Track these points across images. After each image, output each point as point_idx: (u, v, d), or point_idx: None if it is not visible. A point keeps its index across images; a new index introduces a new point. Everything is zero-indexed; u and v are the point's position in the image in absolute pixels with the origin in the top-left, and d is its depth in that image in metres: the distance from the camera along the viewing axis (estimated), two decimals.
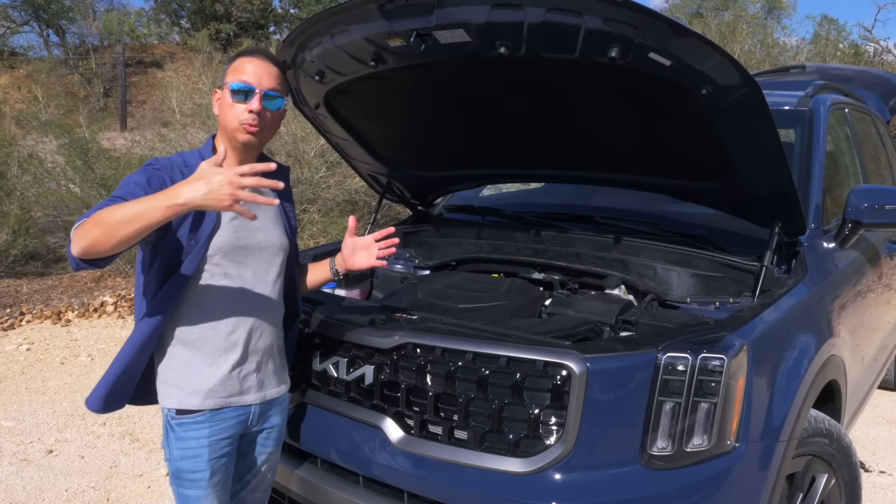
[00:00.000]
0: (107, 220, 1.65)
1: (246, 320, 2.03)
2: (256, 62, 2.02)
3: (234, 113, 1.99)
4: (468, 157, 3.25)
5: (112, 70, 18.75)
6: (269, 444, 2.19)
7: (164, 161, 1.97)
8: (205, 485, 2.00)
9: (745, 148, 2.37)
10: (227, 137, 2.03)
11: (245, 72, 2.00)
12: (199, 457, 1.99)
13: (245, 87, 1.98)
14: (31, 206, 8.35)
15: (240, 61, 2.03)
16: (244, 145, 2.02)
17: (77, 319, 6.62)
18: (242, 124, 1.98)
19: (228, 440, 2.04)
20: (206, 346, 2.00)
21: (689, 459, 1.94)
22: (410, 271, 3.26)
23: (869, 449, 4.11)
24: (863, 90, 4.97)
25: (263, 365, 2.10)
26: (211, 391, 1.99)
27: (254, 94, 1.98)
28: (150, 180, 1.87)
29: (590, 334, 2.40)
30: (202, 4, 21.57)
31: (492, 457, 2.01)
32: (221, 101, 2.03)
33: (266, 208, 2.09)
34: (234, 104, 1.98)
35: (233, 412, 2.03)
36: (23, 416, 4.46)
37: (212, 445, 2.00)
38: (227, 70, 2.05)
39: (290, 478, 2.40)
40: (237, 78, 1.99)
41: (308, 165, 8.72)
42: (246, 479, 2.20)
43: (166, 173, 1.92)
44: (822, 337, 2.51)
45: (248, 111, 1.97)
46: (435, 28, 2.24)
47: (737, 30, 15.39)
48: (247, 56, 2.04)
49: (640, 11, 2.00)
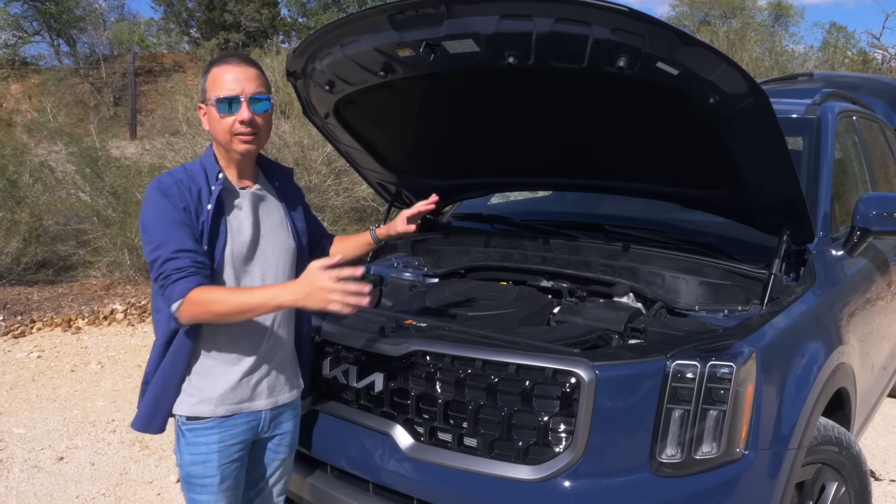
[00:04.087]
0: (216, 311, 1.88)
1: (258, 326, 2.06)
2: (234, 69, 1.98)
3: (224, 126, 1.98)
4: (476, 165, 3.27)
5: (122, 79, 18.85)
6: (282, 451, 2.21)
7: (170, 180, 1.97)
8: (215, 490, 2.03)
9: (752, 156, 2.37)
10: (224, 150, 2.05)
11: (225, 82, 1.96)
12: (209, 462, 2.01)
13: (229, 97, 1.96)
14: (42, 214, 8.41)
15: (216, 72, 1.99)
16: (243, 155, 2.03)
17: (87, 327, 6.65)
18: (236, 136, 1.98)
19: (239, 446, 2.06)
20: (220, 353, 2.03)
21: (699, 467, 1.95)
22: (419, 279, 3.27)
23: (879, 458, 4.09)
24: (871, 98, 4.97)
25: (276, 370, 2.13)
26: (223, 398, 2.02)
27: (240, 102, 1.96)
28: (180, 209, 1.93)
29: (598, 342, 2.41)
30: (211, 14, 21.71)
31: (501, 464, 2.02)
32: (209, 117, 2.02)
33: (271, 213, 2.13)
34: (223, 118, 1.97)
35: (243, 418, 2.06)
36: (34, 423, 4.49)
37: (222, 451, 2.02)
38: (206, 83, 2.01)
39: (301, 485, 2.41)
40: (219, 91, 1.96)
41: (317, 173, 8.76)
42: (259, 486, 2.22)
43: (180, 196, 1.94)
44: (831, 345, 2.51)
45: (240, 122, 1.96)
46: (444, 38, 2.26)
47: (745, 37, 15.38)
48: (222, 64, 2.00)
49: (647, 21, 2.01)
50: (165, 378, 2.02)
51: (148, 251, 1.93)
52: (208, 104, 2.00)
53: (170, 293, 1.88)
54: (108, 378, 5.35)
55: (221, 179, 2.01)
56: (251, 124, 1.98)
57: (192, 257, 1.90)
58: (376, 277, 3.18)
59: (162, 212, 1.92)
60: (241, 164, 2.07)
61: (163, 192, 1.94)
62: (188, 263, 1.89)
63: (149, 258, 1.93)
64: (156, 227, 1.92)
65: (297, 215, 2.23)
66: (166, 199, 1.93)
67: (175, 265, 1.88)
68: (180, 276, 1.87)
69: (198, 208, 1.95)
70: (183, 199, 1.94)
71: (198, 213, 1.95)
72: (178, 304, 1.87)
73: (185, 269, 1.88)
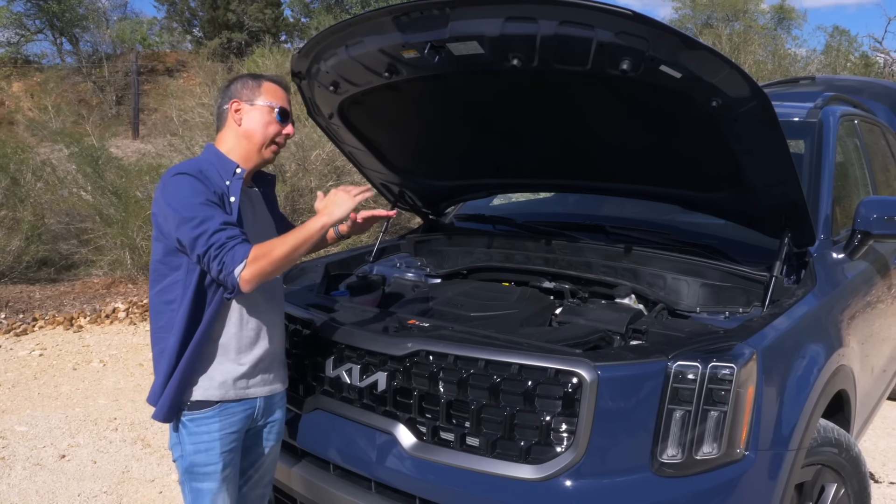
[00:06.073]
0: (279, 255, 1.96)
1: (263, 318, 2.18)
2: (284, 91, 2.21)
3: (271, 132, 2.16)
4: (480, 166, 3.28)
5: (125, 78, 18.89)
6: (272, 438, 2.32)
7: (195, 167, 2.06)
8: (218, 477, 2.11)
9: (754, 159, 2.38)
10: (251, 150, 2.16)
11: (283, 98, 2.19)
12: (211, 450, 2.10)
13: (287, 110, 2.19)
14: (44, 212, 8.42)
15: (275, 86, 2.19)
16: (267, 160, 2.20)
17: (89, 325, 6.67)
18: (277, 143, 2.18)
19: (236, 434, 2.16)
20: (231, 344, 2.12)
21: (699, 467, 1.96)
22: (422, 280, 3.28)
23: (879, 460, 4.10)
24: (872, 101, 4.98)
25: (274, 360, 2.25)
26: (233, 384, 2.12)
27: (291, 119, 2.21)
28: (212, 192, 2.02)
29: (600, 343, 2.42)
30: (214, 14, 21.73)
31: (503, 463, 2.03)
32: (256, 117, 2.15)
33: (265, 217, 2.27)
34: (275, 125, 2.16)
35: (241, 406, 2.15)
36: (36, 421, 4.50)
37: (223, 439, 2.11)
38: (261, 89, 2.17)
39: (302, 483, 2.43)
40: (280, 102, 2.17)
41: (317, 174, 8.76)
42: (248, 473, 2.31)
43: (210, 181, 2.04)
44: (831, 347, 2.53)
45: (286, 134, 2.19)
46: (449, 40, 2.27)
47: (749, 40, 15.40)
48: (278, 84, 2.21)
49: (651, 25, 2.03)
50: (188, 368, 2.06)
51: (188, 229, 1.94)
52: (257, 106, 2.14)
53: (230, 259, 1.92)
54: (110, 376, 5.37)
55: (241, 174, 2.11)
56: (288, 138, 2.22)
57: (239, 229, 1.99)
58: (379, 277, 3.19)
59: (198, 192, 1.98)
60: (254, 168, 2.21)
61: (194, 175, 2.00)
62: (238, 233, 1.97)
63: (190, 235, 1.94)
64: (194, 206, 1.95)
65: (277, 217, 2.38)
66: (199, 182, 2.00)
67: (227, 234, 1.94)
68: (236, 241, 1.94)
69: (221, 198, 2.04)
70: (212, 184, 2.03)
71: (223, 203, 2.04)
72: (242, 265, 1.92)
73: (238, 236, 1.96)
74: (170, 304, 2.06)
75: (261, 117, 2.14)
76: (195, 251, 1.95)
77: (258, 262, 1.93)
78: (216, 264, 1.93)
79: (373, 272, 3.27)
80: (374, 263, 3.37)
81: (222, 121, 2.18)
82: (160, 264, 2.07)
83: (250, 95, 2.15)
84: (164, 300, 2.07)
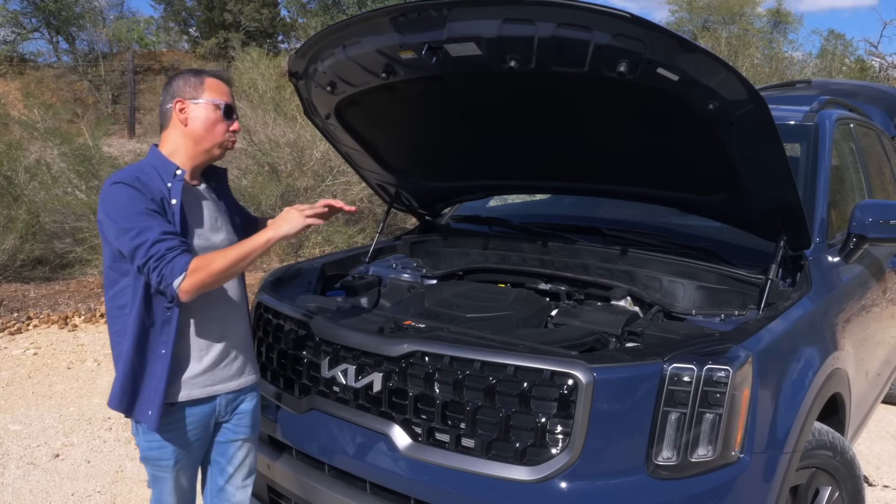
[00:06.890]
0: (218, 269, 1.98)
1: (223, 313, 2.19)
2: (226, 85, 2.19)
3: (220, 129, 2.14)
4: (476, 167, 3.28)
5: (121, 77, 18.83)
6: (241, 432, 2.31)
7: (132, 175, 2.03)
8: (170, 469, 2.16)
9: (750, 162, 2.39)
10: (198, 150, 2.14)
11: (227, 93, 2.16)
12: (164, 448, 2.14)
13: (231, 106, 2.16)
14: (39, 211, 8.39)
15: (217, 82, 2.16)
16: (217, 157, 2.19)
17: (83, 324, 6.65)
18: (228, 141, 2.17)
19: (195, 432, 2.17)
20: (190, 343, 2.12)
21: (694, 470, 1.96)
22: (418, 281, 3.28)
23: (873, 463, 4.11)
24: (868, 105, 5.00)
25: (239, 353, 2.25)
26: (193, 384, 2.13)
27: (235, 114, 2.19)
28: (149, 199, 2.00)
29: (596, 345, 2.42)
30: (211, 13, 21.69)
31: (498, 465, 2.03)
32: (201, 116, 2.11)
33: (218, 212, 2.24)
34: (221, 123, 2.14)
35: (198, 406, 2.16)
36: (29, 420, 4.49)
37: (177, 440, 2.14)
38: (204, 86, 2.13)
39: (297, 483, 2.42)
40: (224, 98, 2.15)
41: (314, 174, 8.75)
42: (227, 470, 2.32)
43: (147, 189, 2.01)
44: (826, 350, 2.53)
45: (233, 130, 2.17)
46: (446, 41, 2.27)
47: (747, 43, 15.45)
48: (218, 78, 2.18)
49: (648, 27, 2.03)
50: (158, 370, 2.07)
51: (127, 240, 1.94)
52: (200, 104, 2.11)
53: (169, 271, 1.93)
54: (105, 376, 5.35)
55: (181, 176, 2.09)
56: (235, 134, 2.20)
57: (179, 238, 1.99)
58: (375, 278, 3.19)
59: (135, 201, 1.97)
60: (201, 166, 2.19)
61: (130, 184, 1.99)
62: (178, 243, 1.97)
63: (129, 246, 1.95)
64: (132, 216, 1.95)
65: (232, 209, 2.36)
66: (136, 191, 1.98)
67: (166, 245, 1.94)
68: (175, 253, 1.95)
69: (162, 203, 2.02)
70: (150, 191, 2.01)
71: (164, 208, 2.02)
72: (182, 278, 1.93)
73: (177, 247, 1.96)
74: (122, 308, 2.06)
75: (206, 115, 2.11)
76: (135, 262, 1.97)
77: (197, 273, 1.95)
78: (155, 275, 1.94)
79: (369, 273, 3.27)
80: (370, 264, 3.37)
81: (166, 120, 2.15)
82: (110, 270, 2.08)
83: (193, 93, 2.12)
84: (117, 305, 2.08)
